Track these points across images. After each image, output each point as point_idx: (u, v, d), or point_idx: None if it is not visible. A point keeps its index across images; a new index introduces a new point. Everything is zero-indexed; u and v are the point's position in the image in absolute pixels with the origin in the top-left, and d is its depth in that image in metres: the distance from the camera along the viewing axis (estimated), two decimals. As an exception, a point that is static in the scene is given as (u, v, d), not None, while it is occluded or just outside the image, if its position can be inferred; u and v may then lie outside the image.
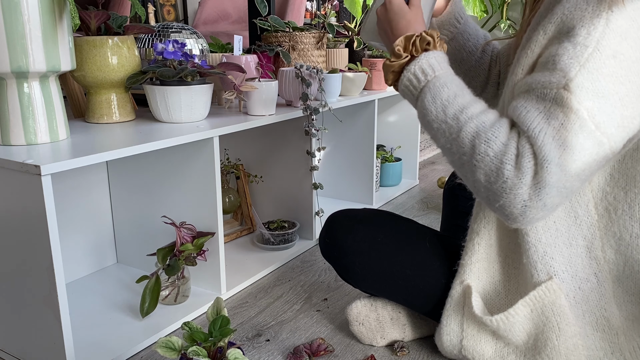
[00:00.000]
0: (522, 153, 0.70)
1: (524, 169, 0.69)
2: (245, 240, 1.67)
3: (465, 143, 0.74)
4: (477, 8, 3.24)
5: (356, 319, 1.11)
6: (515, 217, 0.72)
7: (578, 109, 0.67)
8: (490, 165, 0.71)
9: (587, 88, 0.67)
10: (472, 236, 0.90)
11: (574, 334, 0.80)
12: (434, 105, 0.78)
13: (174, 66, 1.20)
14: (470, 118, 0.75)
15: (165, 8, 3.40)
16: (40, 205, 0.88)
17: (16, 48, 0.94)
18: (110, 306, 1.24)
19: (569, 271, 0.81)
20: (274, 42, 1.73)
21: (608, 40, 0.67)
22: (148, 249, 1.34)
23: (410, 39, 0.84)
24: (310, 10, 3.59)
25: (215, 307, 0.93)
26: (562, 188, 0.69)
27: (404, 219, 1.10)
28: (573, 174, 0.69)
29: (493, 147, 0.71)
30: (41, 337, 0.97)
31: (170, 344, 0.87)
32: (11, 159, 0.89)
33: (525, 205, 0.70)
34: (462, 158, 0.74)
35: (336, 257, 1.13)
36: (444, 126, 0.77)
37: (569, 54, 0.69)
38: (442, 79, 0.80)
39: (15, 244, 0.96)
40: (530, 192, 0.69)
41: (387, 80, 0.88)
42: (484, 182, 0.72)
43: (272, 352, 1.09)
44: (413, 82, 0.82)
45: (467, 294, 0.90)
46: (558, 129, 0.68)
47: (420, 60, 0.82)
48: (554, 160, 0.68)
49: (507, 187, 0.70)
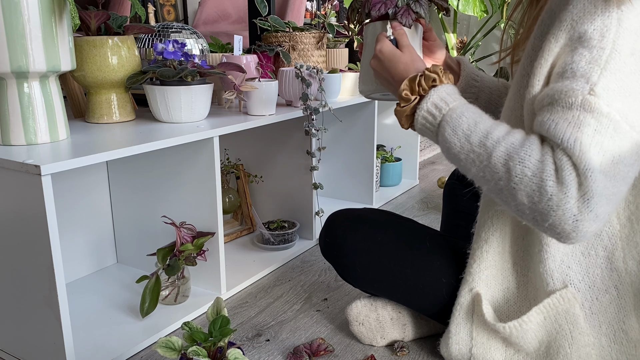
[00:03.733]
0: (561, 166, 0.68)
1: (567, 182, 0.67)
2: (245, 240, 1.67)
3: (498, 168, 0.72)
4: (477, 8, 3.24)
5: (356, 319, 1.11)
6: (568, 234, 0.69)
7: (609, 112, 0.66)
8: (531, 185, 0.69)
9: (613, 89, 0.66)
10: (480, 243, 0.89)
11: (587, 343, 0.80)
12: (456, 137, 0.77)
13: (174, 66, 1.20)
14: (498, 142, 0.73)
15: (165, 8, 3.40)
16: (40, 205, 0.88)
17: (16, 48, 0.94)
18: (110, 306, 1.24)
19: (586, 281, 0.80)
20: (274, 42, 1.73)
21: (624, 39, 0.67)
22: (148, 249, 1.34)
23: (414, 80, 0.83)
24: (310, 10, 3.59)
25: (215, 307, 0.93)
26: (610, 195, 0.67)
27: (404, 219, 1.10)
28: (618, 178, 0.67)
29: (529, 167, 0.69)
30: (41, 337, 0.97)
31: (170, 344, 0.87)
32: (11, 159, 0.89)
33: (576, 220, 0.67)
34: (498, 184, 0.72)
35: (336, 257, 1.13)
36: (472, 155, 0.75)
37: (586, 59, 0.68)
38: (458, 110, 0.78)
39: (15, 244, 0.96)
40: (579, 204, 0.66)
41: (403, 125, 0.86)
42: (527, 203, 0.70)
43: (272, 352, 1.09)
44: (429, 120, 0.81)
45: (476, 301, 0.89)
46: (592, 135, 0.66)
47: (430, 97, 0.81)
48: (596, 167, 0.66)
49: (553, 204, 0.67)
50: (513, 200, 0.71)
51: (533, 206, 0.69)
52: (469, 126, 0.76)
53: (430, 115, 0.80)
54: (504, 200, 0.73)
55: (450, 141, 0.77)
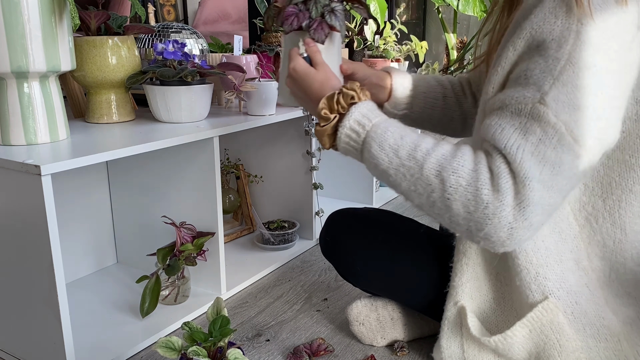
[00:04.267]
0: (498, 174, 0.68)
1: (503, 189, 0.67)
2: (245, 240, 1.67)
3: (431, 180, 0.71)
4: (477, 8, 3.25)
5: (356, 319, 1.11)
6: (502, 242, 0.69)
7: (555, 123, 0.66)
8: (466, 195, 0.68)
9: (563, 101, 0.66)
10: (459, 257, 0.89)
11: (576, 348, 0.80)
12: (383, 152, 0.75)
13: (174, 66, 1.20)
14: (428, 153, 0.72)
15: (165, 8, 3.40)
16: (40, 205, 0.88)
17: (16, 48, 0.94)
18: (110, 306, 1.24)
19: (564, 288, 0.80)
20: (274, 42, 1.73)
21: (580, 52, 0.66)
22: (148, 249, 1.34)
23: (332, 98, 0.81)
24: (310, 10, 3.58)
25: (215, 307, 0.93)
26: (546, 205, 0.68)
27: (404, 218, 1.10)
28: (556, 189, 0.67)
29: (463, 176, 0.69)
30: (41, 337, 0.97)
31: (170, 344, 0.87)
32: (11, 159, 0.89)
33: (511, 227, 0.67)
34: (431, 196, 0.71)
35: (336, 256, 1.13)
36: (402, 170, 0.73)
37: (541, 68, 0.68)
38: (382, 125, 0.77)
39: (15, 244, 0.96)
40: (514, 212, 0.67)
41: (324, 144, 0.83)
42: (463, 213, 0.69)
43: (272, 352, 1.09)
44: (352, 137, 0.79)
45: (462, 315, 0.89)
46: (536, 144, 0.67)
47: (351, 114, 0.79)
48: (535, 176, 0.66)
49: (489, 213, 0.67)
50: (447, 212, 0.71)
51: (468, 216, 0.69)
52: (395, 140, 0.75)
53: (354, 133, 0.79)
54: (436, 213, 0.73)
55: (377, 157, 0.76)
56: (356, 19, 2.27)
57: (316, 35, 0.89)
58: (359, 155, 0.80)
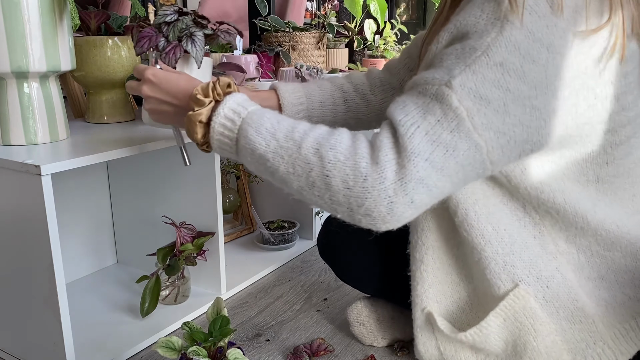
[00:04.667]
0: (379, 147, 0.67)
1: (382, 162, 0.66)
2: (245, 240, 1.67)
3: (309, 158, 0.69)
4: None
5: (357, 319, 1.11)
6: (383, 217, 0.67)
7: (457, 107, 0.65)
8: (345, 169, 0.67)
9: (470, 88, 0.65)
10: (417, 265, 0.88)
11: (550, 331, 0.80)
12: (260, 136, 0.72)
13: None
14: (305, 133, 0.71)
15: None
16: (40, 205, 0.88)
17: (16, 48, 0.94)
18: (110, 306, 1.24)
19: (533, 274, 0.80)
20: (274, 42, 1.73)
21: (498, 48, 0.65)
22: (148, 249, 1.34)
23: (207, 85, 0.77)
24: (310, 10, 3.58)
25: (215, 307, 0.93)
26: (432, 186, 0.66)
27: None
28: (445, 173, 0.66)
29: (341, 151, 0.68)
30: (41, 337, 0.97)
31: (170, 344, 0.87)
32: (11, 159, 0.89)
33: (391, 202, 0.66)
34: (310, 176, 0.70)
35: (333, 257, 1.13)
36: (280, 151, 0.71)
37: (457, 54, 0.68)
38: (258, 112, 0.75)
39: (15, 244, 0.96)
40: (395, 187, 0.65)
41: (194, 134, 0.78)
42: (343, 189, 0.68)
43: (272, 352, 1.09)
44: (227, 126, 0.75)
45: (431, 319, 0.89)
46: (434, 124, 0.66)
47: (227, 101, 0.76)
48: (423, 155, 0.65)
49: (368, 186, 0.66)
50: (327, 191, 0.69)
51: (348, 192, 0.67)
52: (272, 124, 0.73)
53: (229, 122, 0.75)
54: (317, 195, 0.71)
55: (254, 141, 0.73)
56: (356, 18, 2.27)
57: (166, 59, 0.88)
58: (234, 147, 0.76)
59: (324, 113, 1.03)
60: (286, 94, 1.01)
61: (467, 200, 0.79)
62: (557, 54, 0.66)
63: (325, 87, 1.05)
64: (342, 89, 1.05)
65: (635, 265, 0.80)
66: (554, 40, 0.66)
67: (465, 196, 0.78)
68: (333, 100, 1.04)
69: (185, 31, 0.89)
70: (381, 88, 1.06)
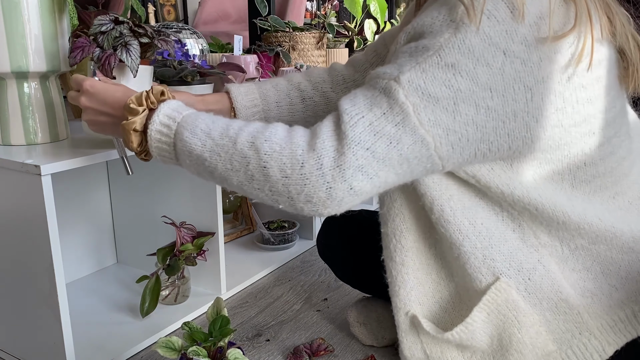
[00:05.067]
0: (317, 134, 0.68)
1: (319, 148, 0.67)
2: (245, 240, 1.67)
3: (245, 152, 0.70)
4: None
5: (357, 319, 1.11)
6: (323, 202, 0.68)
7: (404, 102, 0.66)
8: (282, 159, 0.68)
9: (418, 86, 0.66)
10: (398, 268, 0.88)
11: (534, 322, 0.80)
12: (196, 137, 0.74)
13: (174, 66, 1.20)
14: (240, 129, 0.72)
15: (165, 8, 3.40)
16: (40, 205, 0.88)
17: (16, 48, 0.94)
18: (110, 306, 1.24)
19: (513, 266, 0.80)
20: (274, 42, 1.73)
21: (451, 49, 0.66)
22: (148, 249, 1.34)
23: (141, 95, 0.78)
24: (310, 10, 3.59)
25: (215, 307, 0.93)
26: (372, 175, 0.67)
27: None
28: (388, 164, 0.67)
29: (277, 141, 0.69)
30: (41, 337, 0.97)
31: (170, 344, 0.87)
32: (11, 159, 0.89)
33: (330, 187, 0.67)
34: (248, 169, 0.70)
35: (333, 258, 1.13)
36: (217, 149, 0.72)
37: (410, 52, 0.69)
38: (192, 116, 0.76)
39: (15, 244, 0.96)
40: (333, 173, 0.66)
41: (129, 143, 0.79)
42: (281, 179, 0.69)
43: (272, 352, 1.09)
44: (164, 132, 0.76)
45: (415, 322, 0.88)
46: (379, 117, 0.67)
47: (162, 108, 0.77)
48: (364, 144, 0.66)
49: (306, 172, 0.67)
50: (267, 182, 0.70)
51: (287, 180, 0.68)
52: (207, 124, 0.74)
53: (165, 127, 0.77)
54: (257, 188, 0.71)
55: (190, 142, 0.74)
56: (356, 18, 2.27)
57: (102, 69, 0.88)
58: (172, 152, 0.77)
59: (280, 113, 1.04)
60: (239, 97, 1.01)
61: (441, 197, 0.79)
62: (517, 59, 0.67)
63: (281, 87, 1.04)
64: (299, 87, 1.05)
65: (621, 257, 0.80)
66: (512, 45, 0.67)
67: (439, 192, 0.79)
68: (290, 100, 1.04)
69: (120, 40, 0.89)
70: (344, 86, 1.06)
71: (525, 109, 0.69)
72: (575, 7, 0.70)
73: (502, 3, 0.67)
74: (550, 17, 0.68)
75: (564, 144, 0.74)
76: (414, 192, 0.81)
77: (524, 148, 0.72)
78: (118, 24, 0.92)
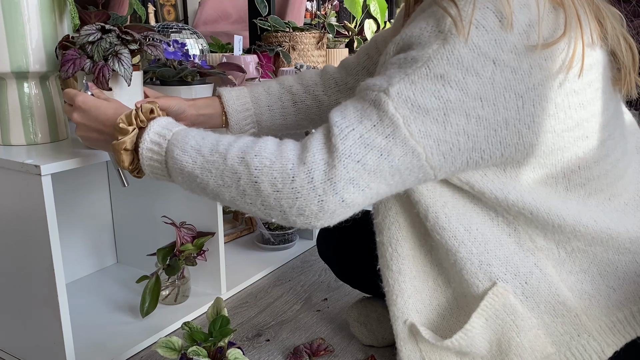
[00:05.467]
0: (308, 147, 0.68)
1: (309, 162, 0.67)
2: (245, 240, 1.67)
3: (236, 167, 0.70)
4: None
5: (357, 319, 1.11)
6: (315, 215, 0.68)
7: (394, 114, 0.66)
8: (272, 173, 0.69)
9: (407, 97, 0.66)
10: (395, 277, 0.88)
11: (532, 326, 0.80)
12: (186, 154, 0.74)
13: (174, 66, 1.20)
14: (230, 145, 0.73)
15: (165, 8, 3.40)
16: (40, 205, 0.88)
17: (16, 48, 0.94)
18: (110, 306, 1.24)
19: (510, 271, 0.80)
20: (274, 42, 1.73)
21: (440, 60, 0.66)
22: (148, 249, 1.34)
23: (130, 114, 0.79)
24: (310, 10, 3.59)
25: (215, 307, 0.93)
26: (364, 187, 0.68)
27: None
28: (378, 175, 0.67)
29: (267, 156, 0.69)
30: (41, 337, 0.97)
31: (170, 344, 0.87)
32: (11, 159, 0.89)
33: (321, 200, 0.67)
34: (239, 185, 0.71)
35: (333, 258, 1.13)
36: (207, 166, 0.73)
37: (399, 63, 0.69)
38: (183, 132, 0.77)
39: (15, 244, 0.96)
40: (324, 186, 0.67)
41: (121, 162, 0.80)
42: (273, 193, 0.69)
43: (272, 352, 1.09)
44: (155, 150, 0.77)
45: (414, 331, 0.88)
46: (369, 129, 0.67)
47: (152, 126, 0.78)
48: (355, 157, 0.66)
49: (297, 186, 0.67)
50: (258, 197, 0.70)
51: (278, 194, 0.68)
52: (197, 141, 0.75)
53: (156, 145, 0.77)
54: (249, 203, 0.72)
55: (181, 160, 0.74)
56: (356, 18, 2.27)
57: (97, 82, 0.87)
58: (164, 170, 0.78)
59: (273, 117, 1.04)
60: (230, 101, 1.01)
61: (436, 204, 0.79)
62: (507, 68, 0.67)
63: (272, 91, 1.04)
64: (290, 91, 1.05)
65: (618, 259, 0.80)
66: (501, 54, 0.67)
67: (434, 200, 0.79)
68: (281, 103, 1.04)
69: (110, 50, 0.88)
70: (336, 89, 1.06)
71: (516, 116, 0.69)
72: (564, 14, 0.70)
73: (490, 12, 0.67)
74: (539, 24, 0.68)
75: (557, 148, 0.74)
76: (408, 200, 0.81)
77: (516, 155, 0.72)
78: (105, 32, 0.91)
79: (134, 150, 0.80)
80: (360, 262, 1.06)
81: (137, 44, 0.92)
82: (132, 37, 0.92)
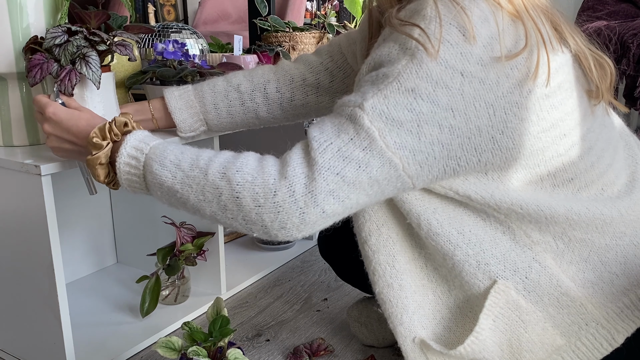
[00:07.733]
0: (288, 162, 0.70)
1: (290, 176, 0.69)
2: (245, 240, 1.67)
3: (217, 183, 0.71)
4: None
5: (357, 319, 1.11)
6: (297, 227, 0.70)
7: (369, 128, 0.68)
8: (254, 188, 0.70)
9: (381, 111, 0.68)
10: (397, 293, 0.86)
11: (538, 319, 0.81)
12: (165, 169, 0.74)
13: (174, 66, 1.20)
14: (210, 160, 0.73)
15: (165, 8, 3.40)
16: (40, 205, 0.88)
17: (20, 48, 0.94)
18: (110, 306, 1.24)
19: (508, 268, 0.80)
20: (274, 42, 1.73)
21: (409, 74, 0.68)
22: (148, 249, 1.34)
23: (104, 127, 0.78)
24: (310, 10, 3.59)
25: (215, 307, 0.93)
26: (343, 198, 0.69)
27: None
28: (357, 186, 0.69)
29: (248, 172, 0.71)
30: (41, 337, 0.97)
31: (170, 344, 0.87)
32: (11, 159, 0.89)
33: (302, 212, 0.69)
34: (220, 199, 0.72)
35: (334, 257, 1.13)
36: (188, 181, 0.73)
37: (372, 80, 0.71)
38: (161, 146, 0.77)
39: (15, 244, 0.96)
40: (305, 199, 0.68)
41: (96, 177, 0.80)
42: (255, 208, 0.70)
43: (272, 352, 1.09)
44: (132, 165, 0.77)
45: (424, 346, 0.87)
46: (346, 142, 0.69)
47: (128, 140, 0.77)
48: (334, 169, 0.68)
49: (279, 200, 0.69)
50: (240, 212, 0.71)
51: (260, 209, 0.70)
52: (176, 156, 0.75)
53: (134, 160, 0.77)
54: (230, 218, 0.72)
55: (160, 175, 0.75)
56: (356, 18, 2.27)
57: (62, 87, 0.84)
58: (143, 184, 0.78)
59: (219, 116, 1.04)
60: (173, 100, 1.01)
61: (426, 211, 0.80)
62: (474, 79, 0.69)
63: (218, 89, 1.04)
64: (238, 89, 1.04)
65: (615, 243, 0.80)
66: (468, 66, 0.69)
67: (424, 207, 0.80)
68: (228, 102, 1.04)
69: (77, 53, 0.86)
70: (291, 85, 1.06)
71: (489, 123, 0.71)
72: (523, 25, 0.72)
73: (453, 28, 0.69)
74: (500, 37, 0.70)
75: (537, 149, 0.75)
76: (399, 213, 0.82)
77: (494, 159, 0.74)
78: (72, 34, 0.88)
79: (110, 163, 0.80)
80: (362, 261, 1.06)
81: (106, 45, 0.91)
82: (100, 38, 0.90)
